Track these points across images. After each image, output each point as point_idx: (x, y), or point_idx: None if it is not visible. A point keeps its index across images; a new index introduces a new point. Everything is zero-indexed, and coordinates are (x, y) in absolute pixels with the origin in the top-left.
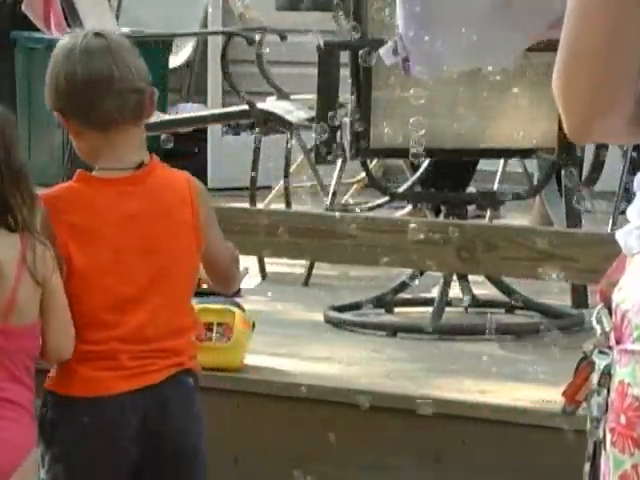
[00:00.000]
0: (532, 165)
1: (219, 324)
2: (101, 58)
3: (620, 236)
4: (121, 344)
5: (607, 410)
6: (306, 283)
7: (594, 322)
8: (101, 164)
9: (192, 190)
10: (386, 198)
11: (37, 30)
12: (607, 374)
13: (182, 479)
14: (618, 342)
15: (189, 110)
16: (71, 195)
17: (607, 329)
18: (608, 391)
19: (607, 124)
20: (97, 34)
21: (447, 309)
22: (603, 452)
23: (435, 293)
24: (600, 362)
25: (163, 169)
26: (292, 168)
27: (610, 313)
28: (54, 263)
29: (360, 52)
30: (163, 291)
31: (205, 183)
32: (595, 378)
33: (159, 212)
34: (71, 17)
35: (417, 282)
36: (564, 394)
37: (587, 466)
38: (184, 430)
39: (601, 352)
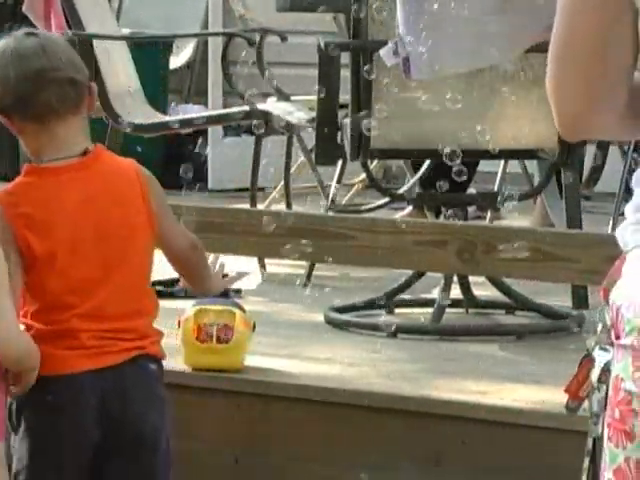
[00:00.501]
0: (532, 166)
1: (220, 325)
2: (33, 56)
3: (618, 233)
4: (81, 322)
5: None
6: (306, 284)
7: (596, 319)
8: (46, 156)
9: (140, 175)
10: (386, 199)
11: None
12: (607, 370)
13: (142, 465)
14: (617, 338)
15: (189, 111)
16: (22, 189)
17: (609, 326)
18: (608, 387)
19: (600, 120)
20: (29, 33)
21: (447, 310)
22: (602, 448)
23: (436, 294)
24: (600, 359)
25: (110, 156)
26: (292, 169)
27: None
28: None
29: (364, 68)
30: (119, 273)
31: (205, 184)
32: (595, 374)
33: (109, 196)
34: (72, 18)
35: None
36: (567, 390)
37: (586, 462)
38: (143, 415)
39: (602, 349)
